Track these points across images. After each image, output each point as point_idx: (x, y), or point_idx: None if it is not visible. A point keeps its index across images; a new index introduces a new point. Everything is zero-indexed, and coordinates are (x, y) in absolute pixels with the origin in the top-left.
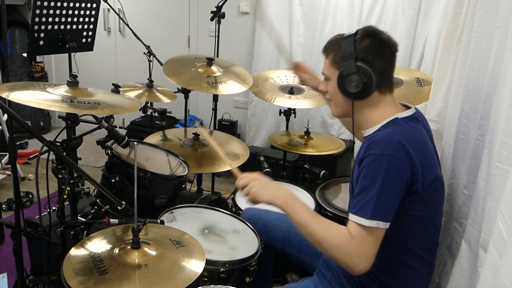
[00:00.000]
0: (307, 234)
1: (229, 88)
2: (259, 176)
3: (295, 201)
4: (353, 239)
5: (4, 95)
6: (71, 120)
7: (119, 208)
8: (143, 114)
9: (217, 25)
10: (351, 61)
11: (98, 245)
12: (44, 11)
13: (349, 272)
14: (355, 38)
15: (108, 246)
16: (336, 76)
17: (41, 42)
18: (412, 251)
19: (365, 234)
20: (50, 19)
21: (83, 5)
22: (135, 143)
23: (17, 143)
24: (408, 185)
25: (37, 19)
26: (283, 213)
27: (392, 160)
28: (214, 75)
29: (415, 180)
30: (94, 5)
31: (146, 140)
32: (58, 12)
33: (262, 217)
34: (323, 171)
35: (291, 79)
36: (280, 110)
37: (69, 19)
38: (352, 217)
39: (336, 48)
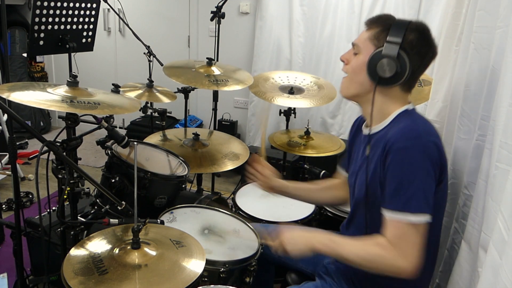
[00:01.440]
0: (346, 261)
1: (230, 85)
2: (285, 232)
3: (324, 237)
4: (391, 244)
5: (4, 95)
6: (71, 120)
7: (119, 208)
8: (143, 114)
9: (217, 25)
10: (395, 46)
11: (98, 245)
12: (44, 11)
13: (404, 277)
14: (408, 26)
15: (108, 246)
16: (369, 52)
17: (41, 42)
18: None
19: (405, 232)
20: (50, 19)
21: (83, 5)
22: (135, 143)
23: (17, 143)
24: (438, 174)
25: (37, 19)
26: (279, 226)
27: (425, 151)
28: (214, 74)
29: (443, 169)
30: (94, 5)
31: (146, 140)
32: (58, 12)
33: (259, 231)
34: (323, 171)
35: (292, 79)
36: (280, 110)
37: (69, 19)
38: (393, 214)
39: (385, 25)
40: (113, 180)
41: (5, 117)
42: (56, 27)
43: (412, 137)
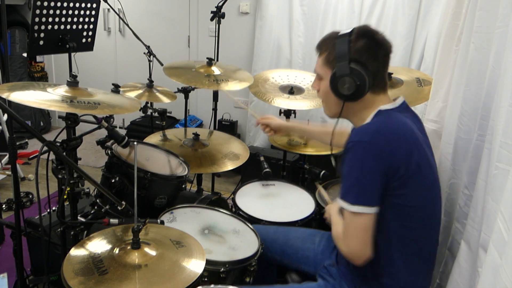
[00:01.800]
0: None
1: (230, 85)
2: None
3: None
4: (344, 228)
5: (4, 95)
6: (71, 120)
7: (119, 208)
8: (143, 114)
9: (217, 25)
10: (344, 63)
11: (98, 245)
12: (44, 11)
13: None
14: (350, 38)
15: (108, 246)
16: (329, 76)
17: (41, 42)
18: (411, 250)
19: (348, 219)
20: (50, 19)
21: (83, 5)
22: (135, 143)
23: (17, 143)
24: (389, 171)
25: (37, 19)
26: (279, 227)
27: (367, 147)
28: (214, 73)
29: (395, 166)
30: (94, 5)
31: (146, 140)
32: (58, 12)
33: (260, 232)
34: (323, 171)
35: (292, 78)
36: (280, 110)
37: (69, 19)
38: (340, 201)
39: (330, 47)
40: (113, 180)
41: (5, 117)
42: (56, 27)
43: (362, 134)
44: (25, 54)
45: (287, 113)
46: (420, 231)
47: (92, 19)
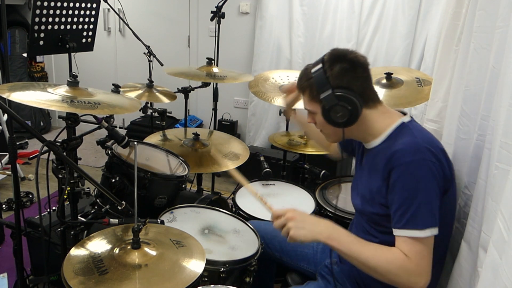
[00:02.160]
0: (358, 263)
1: (228, 80)
2: (294, 212)
3: (339, 232)
4: (409, 259)
5: (4, 95)
6: (71, 120)
7: (119, 208)
8: (143, 114)
9: (217, 25)
10: (329, 93)
11: (98, 245)
12: (44, 11)
13: None
14: (324, 68)
15: (108, 246)
16: (319, 110)
17: (41, 42)
18: None
19: (420, 248)
20: (50, 19)
21: (83, 5)
22: (135, 143)
23: (17, 143)
24: (442, 186)
25: (37, 19)
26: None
27: (426, 164)
28: (214, 70)
29: (447, 180)
30: (94, 5)
31: (146, 140)
32: (58, 12)
33: (260, 229)
34: (323, 171)
35: (292, 79)
36: (280, 110)
37: (69, 19)
38: (402, 232)
39: (309, 84)
40: (113, 180)
41: (5, 117)
42: (56, 27)
43: (413, 152)
44: (25, 54)
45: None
46: (438, 240)
47: (92, 19)
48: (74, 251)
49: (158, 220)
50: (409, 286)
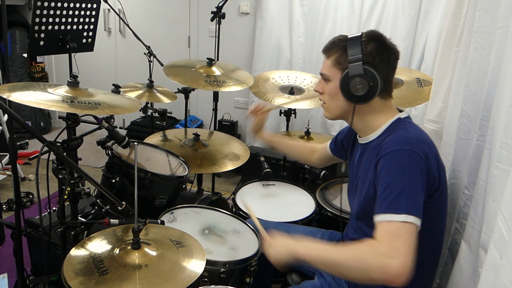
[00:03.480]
0: (334, 270)
1: (228, 86)
2: (272, 238)
3: (307, 244)
4: (378, 241)
5: (5, 95)
6: (72, 120)
7: (120, 208)
8: (144, 115)
9: (217, 25)
10: (358, 63)
11: (98, 245)
12: (45, 12)
13: (394, 283)
14: (361, 40)
15: (109, 247)
16: (339, 77)
17: (42, 43)
18: (418, 251)
19: (393, 229)
20: (51, 20)
21: (83, 5)
22: (135, 143)
23: (18, 144)
24: (427, 182)
25: (37, 20)
26: (280, 223)
27: (413, 156)
28: (214, 74)
29: (433, 179)
30: (95, 6)
31: (146, 140)
32: (58, 12)
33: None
34: (323, 172)
35: (292, 79)
36: (281, 110)
37: (70, 20)
38: (381, 217)
39: (341, 48)
40: (113, 180)
41: (6, 117)
42: (56, 27)
43: (402, 142)
44: (25, 55)
45: (288, 113)
46: (430, 238)
47: (93, 20)
48: (74, 252)
49: (158, 221)
50: (382, 270)
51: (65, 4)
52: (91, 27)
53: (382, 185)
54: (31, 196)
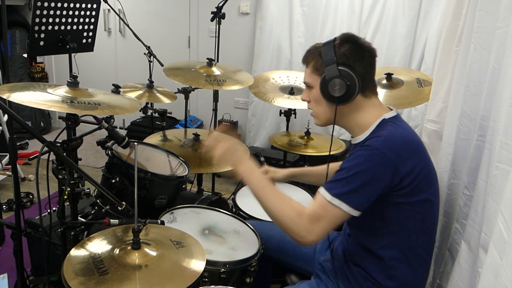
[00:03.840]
0: (261, 202)
1: (228, 85)
2: (229, 140)
3: (253, 172)
4: (303, 214)
5: (5, 96)
6: (72, 120)
7: (120, 208)
8: (143, 115)
9: (217, 25)
10: (332, 66)
11: (98, 245)
12: (45, 12)
13: (297, 243)
14: (334, 44)
15: (109, 247)
16: (318, 82)
17: (42, 43)
18: (411, 250)
19: (321, 211)
20: (51, 20)
21: (83, 5)
22: (135, 143)
23: (18, 144)
24: (392, 182)
25: (37, 20)
26: None
27: (378, 154)
28: (214, 74)
29: (399, 177)
30: (95, 6)
31: (146, 140)
32: (58, 12)
33: (258, 229)
34: None
35: (292, 79)
36: (281, 110)
37: (70, 20)
38: (321, 189)
39: (316, 55)
40: (113, 181)
41: (6, 117)
42: (56, 27)
43: (373, 142)
44: (25, 55)
45: (288, 113)
46: (421, 235)
47: (93, 20)
48: (74, 252)
49: (158, 221)
50: (294, 238)
51: (65, 4)
52: (91, 27)
53: (342, 168)
54: (31, 196)
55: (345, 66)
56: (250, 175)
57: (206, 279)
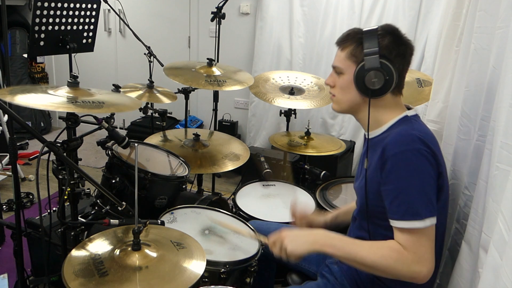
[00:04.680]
0: (357, 265)
1: (228, 86)
2: (286, 231)
3: (332, 237)
4: (405, 249)
5: (7, 99)
6: (72, 120)
7: (120, 208)
8: (144, 115)
9: (217, 25)
10: (375, 56)
11: (98, 246)
12: (45, 12)
13: (418, 284)
14: (377, 33)
15: (109, 248)
16: (353, 70)
17: (42, 43)
18: None
19: (418, 237)
20: (51, 20)
21: (83, 5)
22: (135, 143)
23: (18, 144)
24: (436, 175)
25: (37, 20)
26: (281, 223)
27: (419, 153)
28: (214, 74)
29: (439, 172)
30: (95, 6)
31: (147, 140)
32: (58, 13)
33: (261, 229)
34: (324, 172)
35: (292, 80)
36: (281, 110)
37: (70, 20)
38: (400, 223)
39: (356, 41)
40: (113, 181)
41: (6, 117)
42: (56, 27)
43: (406, 142)
44: (25, 55)
45: (288, 113)
46: (438, 234)
47: (93, 20)
48: (75, 253)
49: (159, 221)
50: (411, 276)
51: (65, 5)
52: (91, 27)
53: (392, 190)
54: (31, 197)
55: (386, 59)
56: (332, 248)
57: (206, 279)
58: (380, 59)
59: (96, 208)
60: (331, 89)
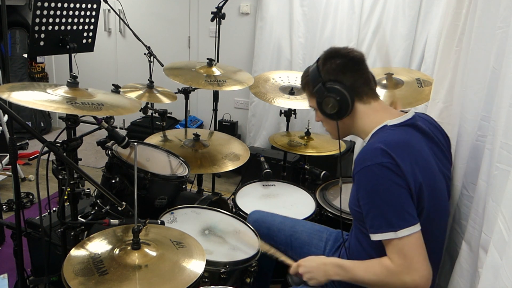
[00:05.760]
0: (360, 284)
1: (228, 86)
2: (303, 267)
3: (336, 266)
4: (392, 262)
5: (4, 96)
6: (72, 121)
7: (120, 208)
8: (144, 115)
9: (217, 25)
10: (320, 87)
11: (98, 245)
12: (45, 12)
13: None
14: (318, 64)
15: (109, 247)
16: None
17: (42, 43)
18: None
19: (398, 248)
20: (51, 20)
21: (83, 5)
22: (135, 143)
23: (18, 144)
24: (408, 186)
25: (37, 20)
26: (287, 217)
27: (381, 166)
28: (214, 74)
29: (414, 181)
30: (95, 6)
31: (147, 140)
32: (58, 13)
33: (266, 221)
34: (324, 172)
35: (292, 80)
36: (281, 110)
37: (70, 20)
38: (375, 236)
39: (307, 81)
40: (113, 181)
41: (6, 117)
42: (56, 27)
43: (369, 157)
44: (25, 55)
45: (288, 113)
46: (430, 242)
47: (93, 20)
48: (74, 252)
49: (159, 221)
50: (406, 286)
51: (65, 5)
52: (91, 27)
53: (364, 205)
54: (31, 197)
55: (332, 82)
56: (338, 276)
57: (206, 279)
58: (326, 85)
59: (96, 208)
60: (322, 124)
